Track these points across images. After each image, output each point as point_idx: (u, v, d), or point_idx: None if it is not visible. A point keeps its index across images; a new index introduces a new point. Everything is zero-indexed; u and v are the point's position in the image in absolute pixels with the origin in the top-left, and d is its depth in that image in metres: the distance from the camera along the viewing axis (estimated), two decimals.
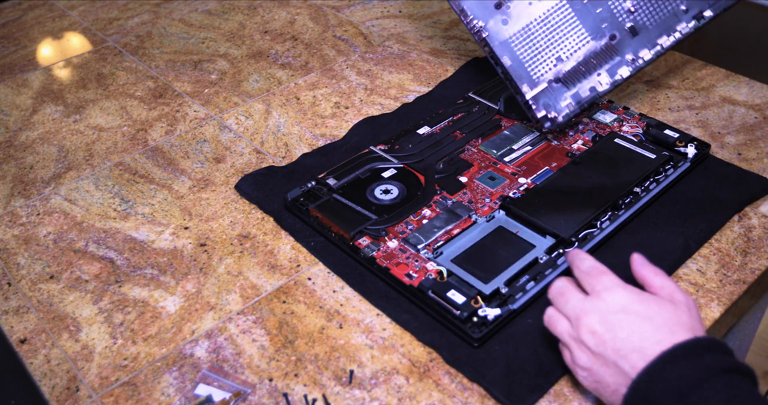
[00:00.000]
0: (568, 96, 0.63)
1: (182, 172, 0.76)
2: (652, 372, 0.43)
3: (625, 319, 0.45)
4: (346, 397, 0.53)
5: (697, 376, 0.41)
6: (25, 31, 1.07)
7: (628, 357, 0.44)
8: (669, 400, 0.41)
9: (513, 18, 0.63)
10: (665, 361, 0.43)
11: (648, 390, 0.42)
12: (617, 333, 0.45)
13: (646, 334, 0.44)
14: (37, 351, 0.58)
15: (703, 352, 0.43)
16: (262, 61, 0.96)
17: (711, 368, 0.42)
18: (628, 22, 0.65)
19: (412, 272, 0.60)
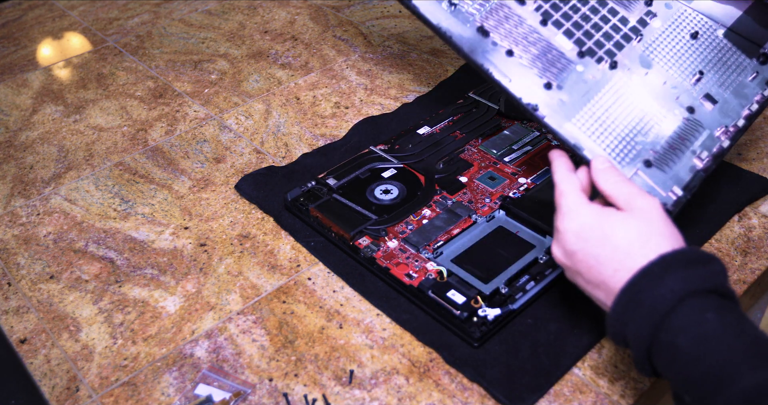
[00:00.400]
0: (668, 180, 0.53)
1: (182, 172, 0.76)
2: (618, 310, 0.43)
3: (581, 252, 0.46)
4: (346, 397, 0.53)
5: (660, 308, 0.41)
6: (25, 31, 1.07)
7: (599, 289, 0.45)
8: (644, 332, 0.42)
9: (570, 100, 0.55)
10: (625, 300, 0.43)
11: (622, 325, 0.43)
12: (580, 268, 0.46)
13: (603, 267, 0.45)
14: (37, 351, 0.58)
15: (663, 273, 0.42)
16: (262, 61, 0.96)
17: (672, 296, 0.41)
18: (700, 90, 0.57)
19: (412, 272, 0.60)
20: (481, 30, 0.55)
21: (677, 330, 0.41)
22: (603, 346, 0.56)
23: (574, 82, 0.55)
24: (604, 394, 0.52)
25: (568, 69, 0.55)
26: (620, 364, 0.54)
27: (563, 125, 0.53)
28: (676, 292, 0.41)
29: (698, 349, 0.40)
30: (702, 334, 0.40)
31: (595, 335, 0.56)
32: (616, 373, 0.54)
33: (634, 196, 0.47)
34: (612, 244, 0.45)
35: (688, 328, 0.40)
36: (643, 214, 0.46)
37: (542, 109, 0.54)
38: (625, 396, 0.52)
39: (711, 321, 0.40)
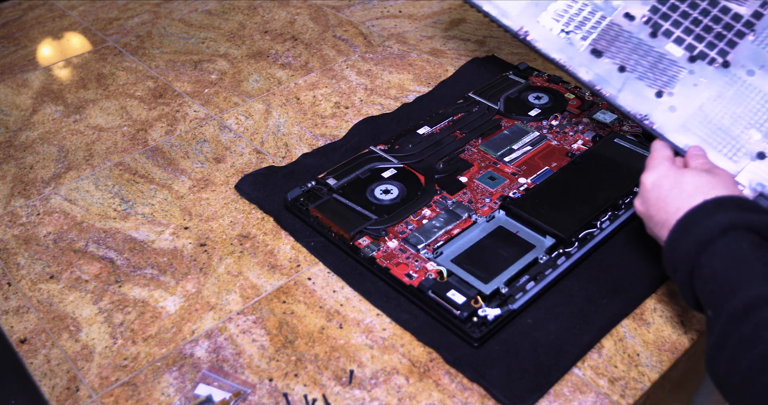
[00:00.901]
0: None
1: (182, 172, 0.76)
2: (672, 237, 0.50)
3: (654, 197, 0.53)
4: (346, 397, 0.53)
5: (705, 236, 0.48)
6: (25, 31, 1.07)
7: (663, 228, 0.52)
8: (689, 254, 0.48)
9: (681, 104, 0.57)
10: (679, 229, 0.49)
11: (674, 250, 0.50)
12: (652, 211, 0.53)
13: (669, 206, 0.51)
14: (37, 351, 0.58)
15: (715, 210, 0.48)
16: (262, 61, 0.96)
17: (717, 228, 0.47)
18: None
19: (412, 272, 0.60)
20: (595, 51, 0.58)
21: (714, 253, 0.47)
22: (603, 346, 0.56)
23: (684, 87, 0.57)
24: (604, 394, 0.52)
25: (678, 75, 0.57)
26: (620, 364, 0.54)
27: (672, 133, 0.57)
28: (722, 225, 0.47)
29: (725, 268, 0.46)
30: (733, 258, 0.46)
31: (595, 335, 0.56)
32: (616, 373, 0.54)
33: (713, 166, 0.54)
34: (680, 188, 0.51)
35: (724, 252, 0.47)
36: (716, 173, 0.52)
37: (652, 118, 0.57)
38: (625, 396, 0.52)
39: (744, 249, 0.46)
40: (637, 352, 0.55)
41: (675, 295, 0.60)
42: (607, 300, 0.59)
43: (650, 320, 0.58)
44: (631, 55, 0.58)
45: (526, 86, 0.83)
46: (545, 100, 0.80)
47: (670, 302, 0.59)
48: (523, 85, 0.84)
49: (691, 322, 0.58)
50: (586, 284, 0.60)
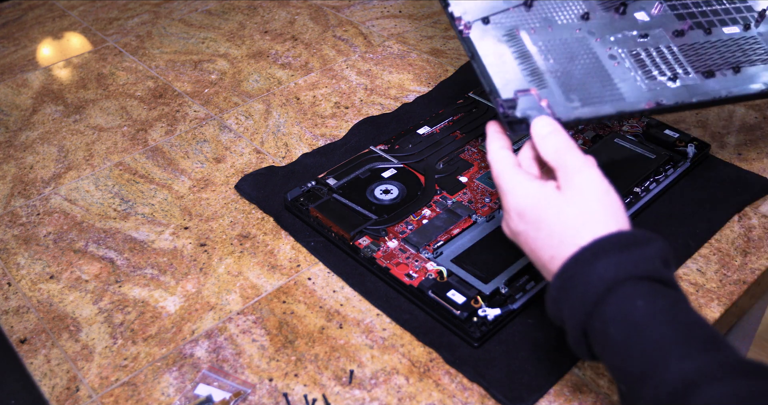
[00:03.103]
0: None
1: (182, 172, 0.76)
2: (553, 295, 0.42)
3: (523, 234, 0.45)
4: (346, 397, 0.53)
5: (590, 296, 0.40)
6: (25, 31, 1.07)
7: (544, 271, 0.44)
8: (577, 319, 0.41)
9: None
10: (558, 285, 0.42)
11: (558, 310, 0.43)
12: (525, 249, 0.46)
13: (542, 251, 0.44)
14: (37, 351, 0.58)
15: (593, 259, 0.41)
16: (262, 61, 0.96)
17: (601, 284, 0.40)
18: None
19: (412, 272, 0.60)
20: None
21: (607, 318, 0.40)
22: None
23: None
24: (604, 394, 0.52)
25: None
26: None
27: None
28: (606, 279, 0.40)
29: (627, 338, 0.39)
30: (630, 323, 0.39)
31: None
32: None
33: (572, 170, 0.44)
34: (548, 229, 0.43)
35: (617, 316, 0.39)
36: (580, 193, 0.43)
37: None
38: None
39: (640, 308, 0.39)
40: None
41: None
42: None
43: None
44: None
45: None
46: None
47: None
48: None
49: None
50: None
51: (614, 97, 0.49)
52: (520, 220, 0.45)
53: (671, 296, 0.40)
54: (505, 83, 0.47)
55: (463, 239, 0.63)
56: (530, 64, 0.48)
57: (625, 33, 0.53)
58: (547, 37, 0.50)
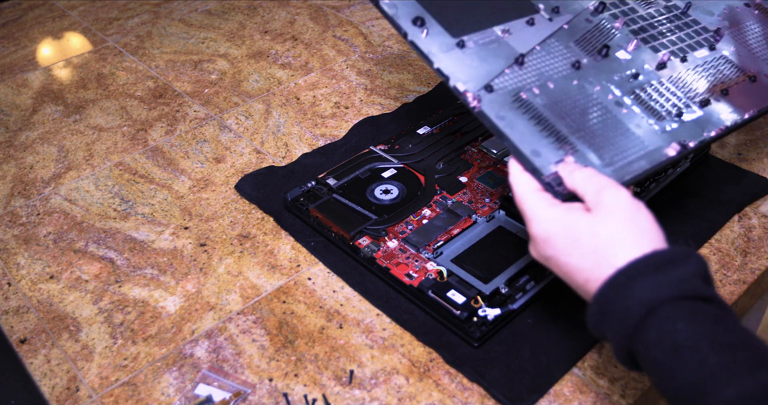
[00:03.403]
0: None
1: (182, 172, 0.76)
2: (593, 320, 0.42)
3: (554, 259, 0.44)
4: (346, 397, 0.53)
5: (630, 321, 0.40)
6: (25, 31, 1.07)
7: (580, 292, 0.44)
8: (620, 343, 0.40)
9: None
10: (597, 310, 0.41)
11: (600, 333, 0.42)
12: (557, 273, 0.45)
13: (576, 275, 0.43)
14: (37, 351, 0.58)
15: (629, 282, 0.40)
16: (262, 61, 0.96)
17: (640, 309, 0.39)
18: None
19: (412, 272, 0.60)
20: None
21: (649, 343, 0.39)
22: (603, 346, 0.56)
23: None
24: (604, 394, 0.52)
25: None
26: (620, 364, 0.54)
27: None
28: (644, 303, 0.39)
29: (670, 362, 0.39)
30: (672, 346, 0.38)
31: None
32: (616, 373, 0.54)
33: (600, 190, 0.44)
34: (579, 253, 0.43)
35: (660, 340, 0.39)
36: (610, 213, 0.43)
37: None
38: (625, 396, 0.52)
39: (681, 331, 0.38)
40: None
41: None
42: None
43: None
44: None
45: None
46: None
47: None
48: None
49: None
50: None
51: (639, 147, 0.49)
52: (547, 246, 0.44)
53: (712, 314, 0.39)
54: (539, 155, 0.47)
55: (463, 239, 0.63)
56: (550, 128, 0.48)
57: (618, 75, 0.53)
58: (552, 95, 0.50)
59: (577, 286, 0.44)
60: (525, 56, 0.52)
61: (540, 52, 0.53)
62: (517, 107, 0.49)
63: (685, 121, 0.52)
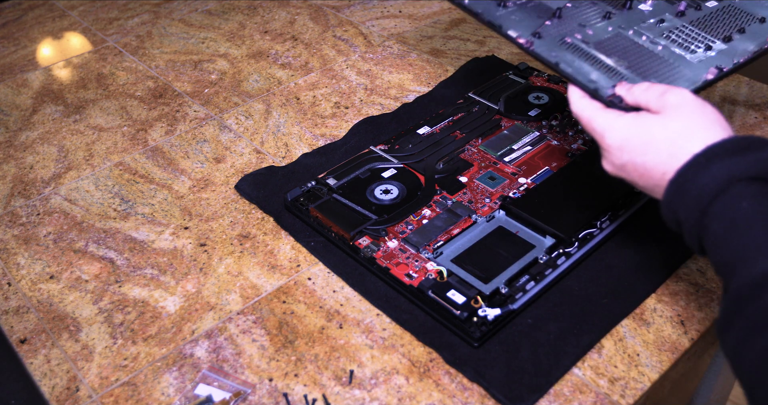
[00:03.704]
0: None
1: (182, 172, 0.76)
2: (668, 200, 0.44)
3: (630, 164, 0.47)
4: (346, 397, 0.53)
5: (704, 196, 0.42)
6: (25, 31, 1.07)
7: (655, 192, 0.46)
8: (691, 219, 0.43)
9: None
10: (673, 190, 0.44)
11: (674, 213, 0.44)
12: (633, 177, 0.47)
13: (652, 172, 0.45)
14: (37, 351, 0.58)
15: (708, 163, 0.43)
16: (262, 61, 0.96)
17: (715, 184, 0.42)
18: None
19: (412, 272, 0.60)
20: None
21: (714, 216, 0.42)
22: (603, 346, 0.56)
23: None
24: (604, 394, 0.52)
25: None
26: (620, 364, 0.54)
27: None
28: (719, 179, 0.42)
29: (726, 234, 0.41)
30: (732, 221, 0.41)
31: (595, 335, 0.56)
32: (616, 373, 0.54)
33: (662, 93, 0.47)
34: (654, 148, 0.45)
35: (723, 214, 0.41)
36: (678, 109, 0.45)
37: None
38: (625, 396, 0.52)
39: (744, 208, 0.41)
40: (637, 352, 0.55)
41: (675, 295, 0.60)
42: (607, 300, 0.59)
43: (650, 320, 0.58)
44: None
45: (526, 86, 0.83)
46: (545, 100, 0.80)
47: (670, 302, 0.59)
48: (523, 85, 0.84)
49: (691, 322, 0.58)
50: (586, 284, 0.60)
51: (680, 74, 0.54)
52: (623, 152, 0.47)
53: None
54: (595, 82, 0.52)
55: (463, 239, 0.63)
56: (599, 62, 0.54)
57: (646, 22, 0.60)
58: (592, 38, 0.57)
59: (655, 183, 0.46)
60: (561, 10, 0.59)
61: (572, 8, 0.60)
62: (566, 48, 0.55)
63: (714, 53, 0.57)
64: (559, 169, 0.69)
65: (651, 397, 0.55)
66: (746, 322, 0.39)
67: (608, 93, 0.50)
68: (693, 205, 0.43)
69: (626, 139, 0.46)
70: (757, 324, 0.38)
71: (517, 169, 0.71)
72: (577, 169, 0.69)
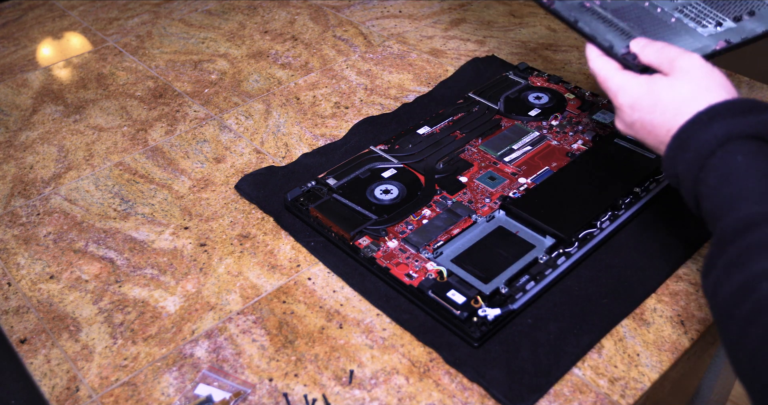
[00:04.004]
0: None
1: (182, 172, 0.76)
2: (669, 154, 0.47)
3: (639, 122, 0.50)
4: (346, 397, 0.53)
5: (703, 151, 0.44)
6: (25, 31, 1.07)
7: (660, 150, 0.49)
8: (690, 172, 0.45)
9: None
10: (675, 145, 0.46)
11: (674, 167, 0.47)
12: (641, 135, 0.50)
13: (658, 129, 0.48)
14: (37, 351, 0.58)
15: (709, 121, 0.45)
16: (262, 61, 0.96)
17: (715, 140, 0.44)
18: None
19: (412, 272, 0.60)
20: None
21: (710, 168, 0.44)
22: (603, 346, 0.56)
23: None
24: (604, 394, 0.52)
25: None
26: (620, 364, 0.54)
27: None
28: (719, 136, 0.44)
29: (719, 185, 0.43)
30: (725, 173, 0.43)
31: (595, 335, 0.56)
32: (616, 373, 0.54)
33: (674, 58, 0.49)
34: (662, 108, 0.48)
35: (718, 167, 0.44)
36: (687, 73, 0.48)
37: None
38: (625, 396, 0.52)
39: (739, 162, 0.43)
40: (637, 352, 0.55)
41: (675, 295, 0.60)
42: (607, 300, 0.59)
43: (650, 320, 0.58)
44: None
45: (526, 86, 0.83)
46: (545, 100, 0.80)
47: (670, 302, 0.59)
48: (523, 85, 0.84)
49: (691, 322, 0.58)
50: (586, 284, 0.60)
51: (690, 44, 0.56)
52: (633, 111, 0.50)
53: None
54: (610, 42, 0.54)
55: (463, 239, 0.63)
56: (615, 25, 0.56)
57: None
58: (610, 6, 0.58)
59: (660, 141, 0.48)
60: None
61: None
62: (584, 11, 0.57)
63: (723, 29, 0.59)
64: (559, 169, 0.69)
65: (651, 397, 0.55)
66: (725, 261, 0.41)
67: (623, 51, 0.53)
68: (692, 160, 0.45)
69: (637, 98, 0.49)
70: (734, 261, 0.40)
71: (517, 169, 0.71)
72: (577, 169, 0.69)
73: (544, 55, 0.94)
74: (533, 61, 0.92)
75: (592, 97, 0.81)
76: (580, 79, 0.88)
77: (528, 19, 1.02)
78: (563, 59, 0.92)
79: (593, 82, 0.87)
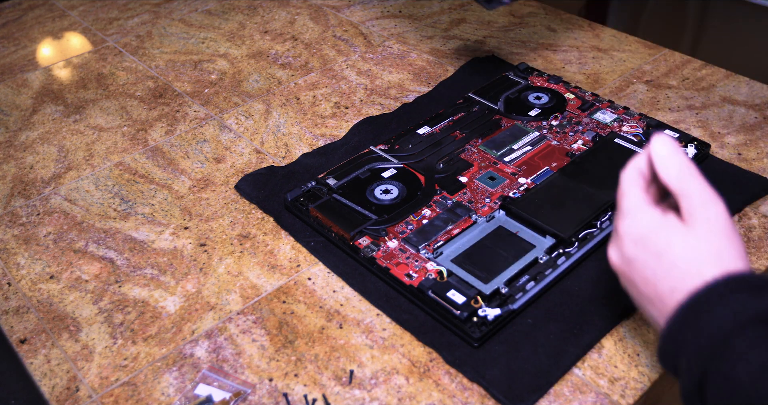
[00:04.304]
0: None
1: (182, 172, 0.76)
2: (673, 330, 0.40)
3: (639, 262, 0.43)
4: (346, 397, 0.53)
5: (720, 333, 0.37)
6: (25, 31, 1.07)
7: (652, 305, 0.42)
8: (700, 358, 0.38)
9: None
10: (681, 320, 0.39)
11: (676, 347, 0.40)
12: (635, 278, 0.43)
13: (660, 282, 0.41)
14: (37, 351, 0.58)
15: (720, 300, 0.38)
16: (262, 61, 0.96)
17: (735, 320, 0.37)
18: None
19: (412, 272, 0.60)
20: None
21: (737, 358, 0.36)
22: (603, 346, 0.56)
23: None
24: (604, 394, 0.52)
25: None
26: (620, 364, 0.54)
27: None
28: (740, 316, 0.37)
29: (759, 382, 0.36)
30: (764, 365, 0.36)
31: (595, 335, 0.56)
32: (616, 373, 0.54)
33: (698, 202, 0.42)
34: (670, 260, 0.41)
35: (750, 357, 0.36)
36: (708, 228, 0.41)
37: None
38: (625, 396, 0.52)
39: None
40: (637, 352, 0.55)
41: None
42: (607, 300, 0.59)
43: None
44: None
45: (526, 86, 0.83)
46: (545, 100, 0.80)
47: None
48: (523, 85, 0.84)
49: None
50: (586, 284, 0.60)
51: None
52: (636, 247, 0.43)
53: None
54: None
55: (463, 239, 0.63)
56: None
57: None
58: None
59: (657, 296, 0.42)
60: None
61: None
62: None
63: None
64: (559, 169, 0.69)
65: (651, 397, 0.55)
66: None
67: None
68: (704, 341, 0.38)
69: (644, 233, 0.43)
70: None
71: (517, 169, 0.71)
72: (577, 169, 0.69)
73: (544, 55, 0.94)
74: (533, 61, 0.92)
75: (592, 97, 0.81)
76: (580, 79, 0.88)
77: (528, 19, 1.02)
78: (563, 59, 0.92)
79: (593, 82, 0.87)
